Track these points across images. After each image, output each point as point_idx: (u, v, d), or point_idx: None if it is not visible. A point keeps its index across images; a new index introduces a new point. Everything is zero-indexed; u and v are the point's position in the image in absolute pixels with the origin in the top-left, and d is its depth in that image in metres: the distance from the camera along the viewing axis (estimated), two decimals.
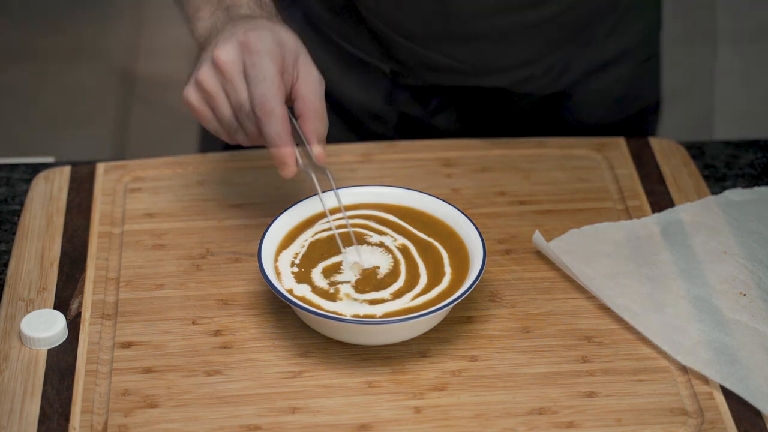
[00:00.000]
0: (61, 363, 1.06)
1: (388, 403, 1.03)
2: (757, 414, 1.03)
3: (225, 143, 1.14)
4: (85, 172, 1.27)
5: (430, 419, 1.02)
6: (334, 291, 1.08)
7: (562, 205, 1.24)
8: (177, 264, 1.17)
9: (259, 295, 1.13)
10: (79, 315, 1.11)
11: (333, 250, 1.11)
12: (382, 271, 1.10)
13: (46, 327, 1.08)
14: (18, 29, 3.11)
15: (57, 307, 1.12)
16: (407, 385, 1.05)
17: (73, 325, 1.10)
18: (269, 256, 1.10)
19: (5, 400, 1.03)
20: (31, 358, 1.07)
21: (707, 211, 1.21)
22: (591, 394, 1.04)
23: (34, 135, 2.81)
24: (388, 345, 1.08)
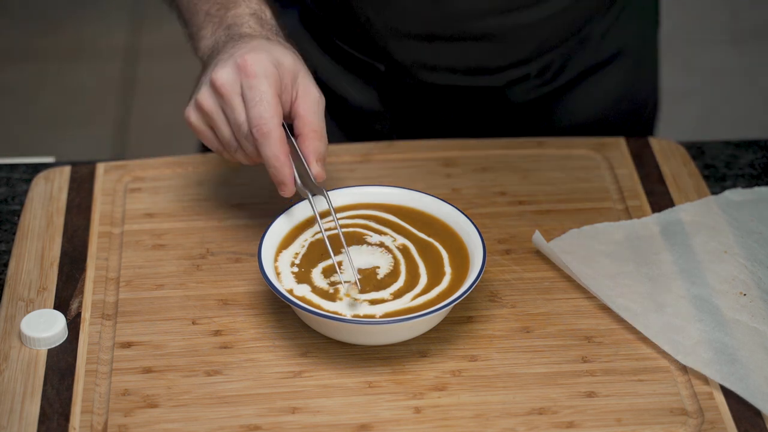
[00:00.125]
0: (61, 363, 1.06)
1: (388, 403, 1.03)
2: (757, 414, 1.03)
3: None
4: (85, 172, 1.27)
5: (430, 419, 1.02)
6: (334, 291, 1.08)
7: (561, 205, 1.24)
8: (177, 264, 1.17)
9: (259, 295, 1.13)
10: (79, 315, 1.11)
11: (333, 250, 1.11)
12: (382, 271, 1.10)
13: (46, 327, 1.08)
14: (18, 29, 3.11)
15: (57, 307, 1.12)
16: (407, 385, 1.05)
17: (73, 325, 1.10)
18: (269, 256, 1.10)
19: (5, 400, 1.03)
20: (31, 358, 1.07)
21: (707, 211, 1.21)
22: (591, 394, 1.04)
23: (34, 135, 2.81)
24: (388, 345, 1.08)
